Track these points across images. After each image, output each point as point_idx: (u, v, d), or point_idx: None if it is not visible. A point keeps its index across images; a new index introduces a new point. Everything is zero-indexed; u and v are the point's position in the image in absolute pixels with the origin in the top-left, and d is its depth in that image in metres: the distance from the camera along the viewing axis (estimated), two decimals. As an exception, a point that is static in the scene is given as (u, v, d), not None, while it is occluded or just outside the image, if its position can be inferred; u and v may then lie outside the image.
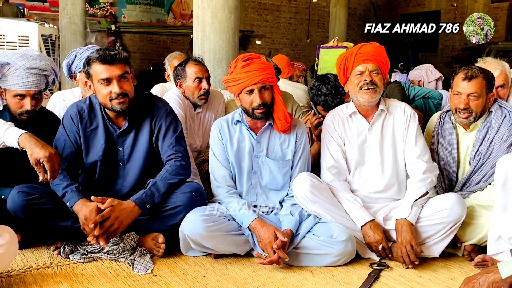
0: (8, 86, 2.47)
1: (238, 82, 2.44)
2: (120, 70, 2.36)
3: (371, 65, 2.51)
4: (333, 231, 2.35)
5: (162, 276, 2.21)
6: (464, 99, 2.54)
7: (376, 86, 2.49)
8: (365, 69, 2.51)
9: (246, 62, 2.44)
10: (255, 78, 2.40)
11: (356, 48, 2.57)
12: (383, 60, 2.54)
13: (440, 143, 2.72)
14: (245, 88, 2.43)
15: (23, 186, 2.32)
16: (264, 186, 2.57)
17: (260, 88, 2.42)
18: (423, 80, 4.99)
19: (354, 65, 2.54)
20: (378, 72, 2.52)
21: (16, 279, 2.12)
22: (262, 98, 2.42)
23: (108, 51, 2.36)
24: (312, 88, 3.04)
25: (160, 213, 2.40)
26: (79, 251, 2.36)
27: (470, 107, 2.54)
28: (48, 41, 5.50)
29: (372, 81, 2.49)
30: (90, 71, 2.38)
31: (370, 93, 2.50)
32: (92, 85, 2.42)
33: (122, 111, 2.41)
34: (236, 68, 2.46)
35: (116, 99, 2.36)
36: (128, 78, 2.40)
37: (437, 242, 2.40)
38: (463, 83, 2.54)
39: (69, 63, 3.11)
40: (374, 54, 2.53)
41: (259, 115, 2.46)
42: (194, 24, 4.54)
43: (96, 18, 10.68)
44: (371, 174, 2.58)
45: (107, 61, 2.33)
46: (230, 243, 2.36)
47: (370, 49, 2.55)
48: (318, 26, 13.74)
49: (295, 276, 2.24)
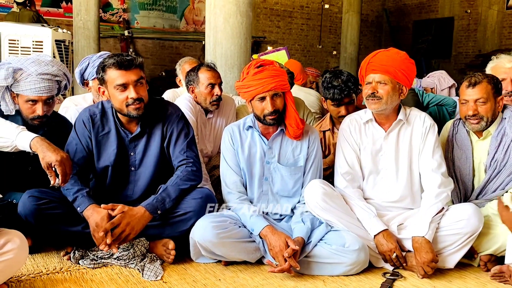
0: (21, 92, 2.47)
1: (250, 89, 2.42)
2: (136, 76, 2.35)
3: (378, 76, 2.45)
4: (345, 239, 2.31)
5: (172, 283, 2.19)
6: (472, 106, 2.51)
7: (380, 98, 2.44)
8: (372, 80, 2.47)
9: (258, 69, 2.42)
10: (267, 85, 2.38)
11: (370, 56, 2.53)
12: (397, 70, 2.44)
13: (454, 150, 2.67)
14: (257, 95, 2.41)
15: (34, 191, 2.32)
16: (276, 192, 2.54)
17: (272, 95, 2.40)
18: (435, 87, 4.93)
19: (366, 74, 2.52)
20: (385, 83, 2.44)
21: (26, 284, 2.11)
22: (274, 105, 2.40)
23: (123, 56, 2.35)
24: (324, 82, 2.96)
25: (170, 219, 2.38)
26: (89, 256, 2.35)
27: (479, 112, 2.51)
28: (62, 46, 5.55)
29: (374, 93, 2.44)
30: (105, 77, 2.36)
31: (373, 103, 2.46)
32: (107, 91, 2.40)
33: (137, 116, 2.40)
34: (249, 74, 2.43)
35: (132, 104, 2.35)
36: (143, 83, 2.40)
37: (452, 253, 2.35)
38: (468, 90, 2.52)
39: (81, 70, 3.12)
40: (386, 64, 2.45)
41: (271, 122, 2.43)
42: (206, 29, 4.54)
43: (109, 23, 10.76)
44: (385, 183, 2.54)
45: (123, 66, 2.32)
46: (241, 250, 2.33)
47: (383, 58, 2.48)
48: (330, 32, 13.71)
49: (307, 285, 2.21)
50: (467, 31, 12.60)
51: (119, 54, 2.40)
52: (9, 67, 2.44)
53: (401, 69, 2.47)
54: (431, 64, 12.10)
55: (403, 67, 2.47)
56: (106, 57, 2.40)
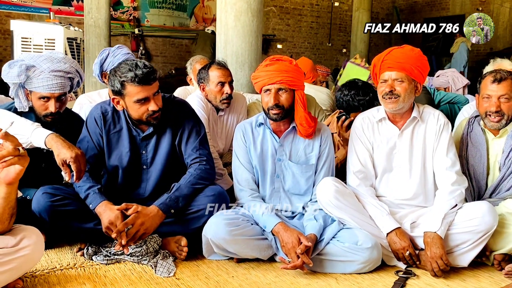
0: (33, 89, 2.48)
1: (259, 79, 2.43)
2: (155, 88, 2.34)
3: (395, 73, 2.42)
4: (358, 237, 2.30)
5: (185, 279, 2.20)
6: (495, 102, 2.48)
7: (398, 95, 2.42)
8: (388, 78, 2.44)
9: (271, 62, 2.43)
10: (273, 78, 2.38)
11: (384, 54, 2.49)
12: (412, 67, 2.42)
13: (469, 149, 2.65)
14: (263, 86, 2.42)
15: (48, 187, 2.33)
16: (287, 190, 2.53)
17: (277, 89, 2.39)
18: (450, 87, 4.88)
19: (381, 71, 2.48)
20: (402, 80, 2.42)
21: (40, 279, 2.13)
22: (276, 99, 2.39)
23: (141, 69, 2.27)
24: (348, 96, 2.97)
25: (183, 216, 2.39)
26: (102, 252, 2.37)
27: (502, 109, 2.49)
28: (73, 44, 5.58)
29: (392, 91, 2.42)
30: (123, 91, 2.30)
31: (391, 102, 2.43)
32: (123, 102, 2.35)
33: (156, 124, 2.40)
34: (261, 65, 2.46)
35: (152, 115, 2.35)
36: (159, 92, 2.39)
37: (466, 252, 2.33)
38: (492, 86, 2.48)
39: (101, 60, 3.09)
40: (401, 61, 2.42)
41: (274, 116, 2.42)
42: (217, 27, 4.53)
43: (120, 22, 10.79)
44: (398, 181, 2.52)
45: (145, 82, 2.28)
46: (253, 247, 2.33)
47: (398, 55, 2.45)
48: (340, 30, 13.65)
49: (319, 283, 2.20)
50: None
51: (136, 64, 2.30)
52: (22, 64, 2.45)
53: (417, 66, 2.44)
54: (442, 62, 12.00)
55: (418, 64, 2.45)
56: (123, 68, 2.30)
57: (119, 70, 2.31)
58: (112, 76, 2.34)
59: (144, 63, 2.33)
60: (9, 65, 2.48)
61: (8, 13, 9.40)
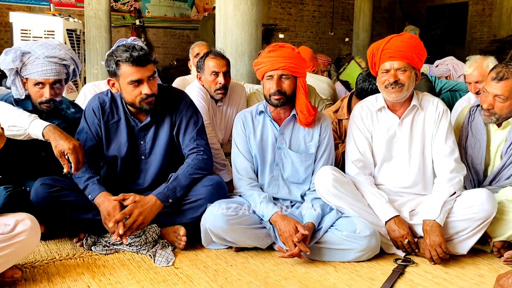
0: (29, 75, 2.49)
1: (261, 66, 2.42)
2: (150, 71, 2.33)
3: (397, 63, 2.39)
4: (356, 226, 2.30)
5: (184, 268, 2.21)
6: (489, 100, 2.45)
7: (402, 84, 2.40)
8: (390, 67, 2.40)
9: (274, 48, 2.42)
10: (276, 64, 2.36)
11: (383, 42, 2.44)
12: (413, 55, 2.40)
13: (468, 139, 2.62)
14: (265, 73, 2.40)
15: (46, 178, 2.34)
16: (286, 178, 2.53)
17: (280, 75, 2.38)
18: (451, 75, 4.83)
19: (381, 61, 2.44)
20: (405, 69, 2.39)
21: (39, 269, 2.14)
22: (278, 85, 2.38)
23: (137, 51, 2.29)
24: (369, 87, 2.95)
25: (181, 206, 2.39)
26: (101, 243, 2.37)
27: (494, 108, 2.45)
28: (73, 35, 5.57)
29: (397, 81, 2.39)
30: (118, 72, 2.31)
31: (395, 92, 2.41)
32: (118, 84, 2.37)
33: (149, 110, 2.39)
34: (264, 52, 2.45)
35: (146, 99, 2.34)
36: (155, 77, 2.38)
37: (465, 239, 2.32)
38: (492, 83, 2.44)
39: None
40: (402, 49, 2.39)
41: (275, 102, 2.41)
42: (217, 17, 4.50)
43: (120, 13, 10.75)
44: (398, 169, 2.52)
45: (139, 63, 2.28)
46: (251, 236, 2.33)
47: (398, 43, 2.41)
48: (342, 19, 13.55)
49: (317, 271, 2.20)
50: (482, 16, 12.36)
51: (133, 47, 2.32)
52: (17, 50, 2.47)
53: (417, 54, 2.42)
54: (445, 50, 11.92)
55: (418, 51, 2.42)
56: (120, 50, 2.32)
57: (116, 52, 2.33)
58: (109, 57, 2.36)
59: (142, 47, 2.35)
60: (5, 53, 2.49)
61: (9, 6, 9.38)
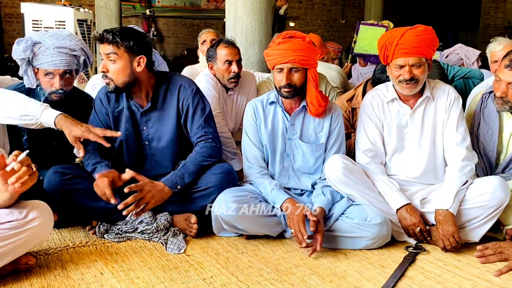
0: (39, 65, 2.51)
1: (271, 58, 2.40)
2: (106, 49, 2.33)
3: (413, 59, 2.33)
4: (367, 214, 2.29)
5: (195, 256, 2.22)
6: (503, 88, 2.41)
7: (417, 80, 2.36)
8: (405, 63, 2.34)
9: (283, 39, 2.38)
10: (285, 57, 2.34)
11: (397, 37, 2.35)
12: (427, 48, 2.34)
13: (481, 126, 2.59)
14: (275, 65, 2.39)
15: (59, 167, 2.37)
16: (297, 169, 2.52)
17: (290, 68, 2.37)
18: (464, 63, 4.74)
19: (394, 56, 2.37)
20: (420, 64, 2.34)
21: (53, 257, 2.17)
22: (288, 79, 2.36)
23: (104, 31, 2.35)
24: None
25: (191, 194, 2.41)
26: (114, 230, 2.40)
27: (507, 96, 2.41)
28: (84, 26, 5.57)
29: (412, 77, 2.35)
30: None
31: (409, 87, 2.37)
32: None
33: None
34: (274, 43, 2.42)
35: (103, 78, 2.39)
36: (114, 58, 2.33)
37: (477, 227, 2.31)
38: (505, 71, 2.39)
39: None
40: (417, 45, 2.32)
41: (285, 94, 2.40)
42: (227, 5, 4.49)
43: (131, 3, 10.76)
44: (409, 159, 2.50)
45: (99, 40, 2.35)
46: (262, 224, 2.34)
47: (412, 39, 2.33)
48: (353, 6, 13.43)
49: (328, 258, 2.21)
50: (496, 2, 12.15)
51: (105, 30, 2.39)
52: (28, 40, 2.50)
53: (431, 46, 2.37)
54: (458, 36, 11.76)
55: (433, 44, 2.37)
56: None
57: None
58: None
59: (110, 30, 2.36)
60: (17, 42, 2.53)
61: (21, -3, 9.44)
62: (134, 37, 2.34)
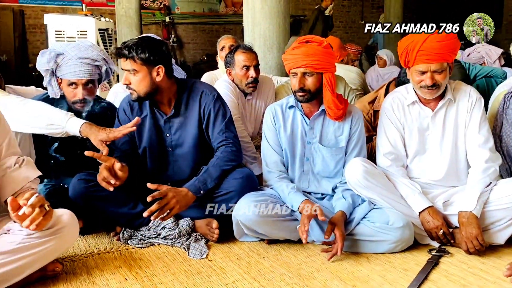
0: (63, 76, 2.58)
1: (286, 62, 2.42)
2: (127, 66, 2.39)
3: (435, 65, 2.29)
4: (389, 217, 2.27)
5: (217, 261, 2.24)
6: None
7: (439, 85, 2.33)
8: (427, 69, 2.31)
9: (299, 44, 2.39)
10: (298, 62, 2.35)
11: (419, 43, 2.31)
12: (449, 53, 2.31)
13: (503, 126, 2.54)
14: (290, 69, 2.40)
15: (83, 174, 2.42)
16: (317, 173, 2.52)
17: (303, 73, 2.37)
18: (485, 61, 4.67)
19: (416, 62, 2.33)
20: (442, 70, 2.31)
21: (79, 263, 2.22)
22: (301, 83, 2.36)
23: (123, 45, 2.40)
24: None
25: (213, 199, 2.43)
26: (137, 236, 2.44)
27: None
28: (105, 35, 5.68)
29: (434, 83, 2.32)
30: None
31: (431, 92, 2.35)
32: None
33: None
34: (290, 47, 2.43)
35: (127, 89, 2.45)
36: (133, 72, 2.38)
37: (502, 229, 2.27)
38: None
39: None
40: (440, 52, 2.28)
41: (300, 98, 2.41)
42: (244, 10, 4.52)
43: (150, 10, 10.90)
44: (431, 162, 2.47)
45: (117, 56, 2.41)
46: (282, 228, 2.34)
47: (434, 45, 2.29)
48: (372, 6, 13.32)
49: (350, 262, 2.20)
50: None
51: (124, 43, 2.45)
52: (52, 52, 2.57)
53: (453, 51, 2.34)
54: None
55: (454, 48, 2.34)
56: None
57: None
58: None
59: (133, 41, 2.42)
60: (41, 54, 2.59)
61: (43, 8, 9.67)
62: (150, 48, 2.37)
